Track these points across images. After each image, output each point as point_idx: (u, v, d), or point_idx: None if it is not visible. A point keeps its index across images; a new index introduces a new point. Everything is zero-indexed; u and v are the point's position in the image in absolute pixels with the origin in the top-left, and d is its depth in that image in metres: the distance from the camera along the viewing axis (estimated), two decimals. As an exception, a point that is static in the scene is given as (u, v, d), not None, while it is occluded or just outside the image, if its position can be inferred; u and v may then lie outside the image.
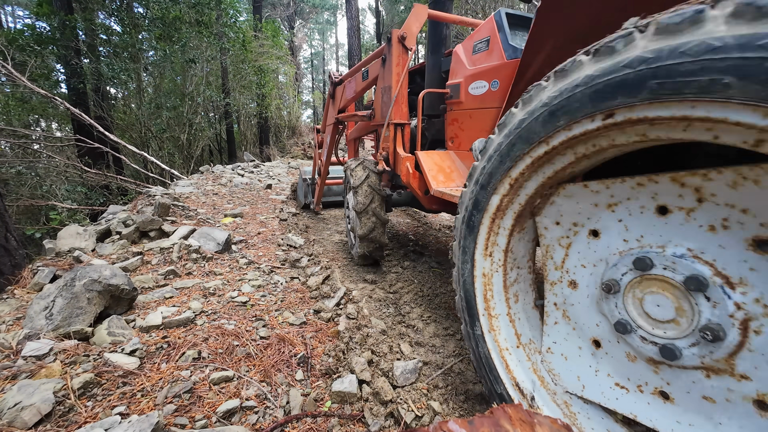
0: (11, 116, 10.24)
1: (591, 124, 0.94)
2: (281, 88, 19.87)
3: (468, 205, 1.33)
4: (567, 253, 1.15)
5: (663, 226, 0.92)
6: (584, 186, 1.08)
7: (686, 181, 0.86)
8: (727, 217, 0.81)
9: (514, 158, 1.17)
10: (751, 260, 0.78)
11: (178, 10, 11.08)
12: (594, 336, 1.09)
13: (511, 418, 0.74)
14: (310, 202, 5.46)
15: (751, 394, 0.80)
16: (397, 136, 2.93)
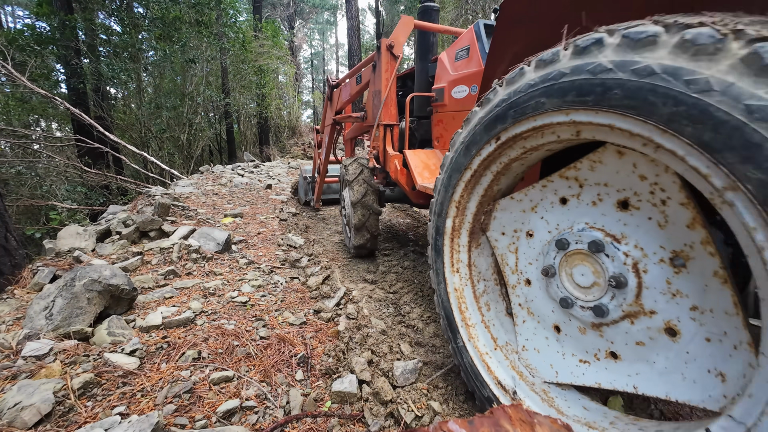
0: (11, 116, 10.24)
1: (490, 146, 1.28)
2: (281, 88, 19.87)
3: (432, 232, 1.57)
4: (517, 257, 1.37)
5: (567, 212, 1.19)
6: (511, 198, 1.37)
7: (568, 175, 1.16)
8: (599, 192, 1.10)
9: (453, 185, 1.46)
10: (622, 218, 1.05)
11: (178, 10, 11.08)
12: (554, 322, 1.26)
13: (511, 418, 0.74)
14: (311, 199, 5.75)
15: (661, 325, 0.98)
16: (387, 135, 3.17)
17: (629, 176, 1.03)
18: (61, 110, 10.16)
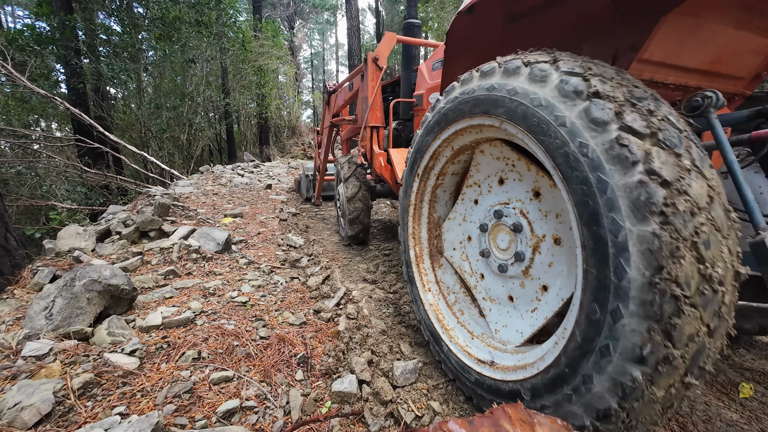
0: (11, 116, 10.23)
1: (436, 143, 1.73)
2: (281, 88, 19.87)
3: (404, 264, 1.98)
4: (469, 262, 1.75)
5: (480, 207, 1.66)
6: (449, 219, 1.81)
7: (470, 182, 1.67)
8: (488, 183, 1.59)
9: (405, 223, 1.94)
10: (503, 189, 1.54)
11: (178, 10, 11.08)
12: (507, 293, 1.56)
13: (511, 418, 0.74)
14: (312, 196, 6.30)
15: (540, 285, 1.41)
16: (373, 136, 3.56)
17: (496, 163, 1.59)
18: (61, 110, 10.16)
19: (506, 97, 1.25)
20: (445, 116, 1.60)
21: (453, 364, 1.61)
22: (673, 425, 1.51)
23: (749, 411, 1.60)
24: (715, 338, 0.91)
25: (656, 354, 0.88)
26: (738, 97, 1.79)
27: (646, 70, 1.43)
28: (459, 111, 1.50)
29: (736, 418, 1.56)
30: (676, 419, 1.54)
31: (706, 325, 0.88)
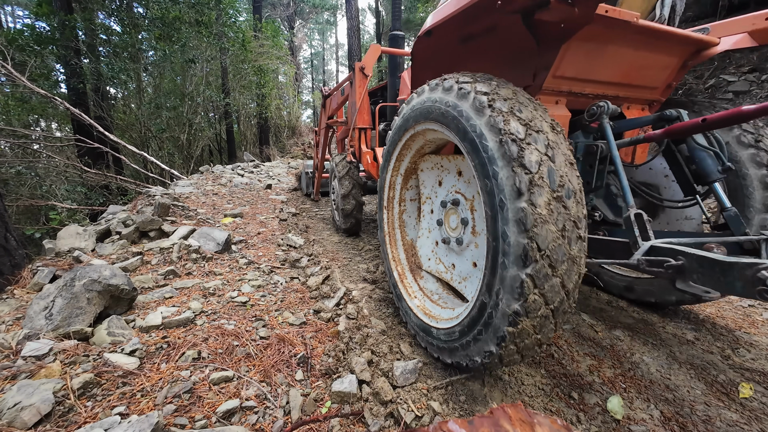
0: (11, 116, 10.23)
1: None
2: (281, 88, 19.87)
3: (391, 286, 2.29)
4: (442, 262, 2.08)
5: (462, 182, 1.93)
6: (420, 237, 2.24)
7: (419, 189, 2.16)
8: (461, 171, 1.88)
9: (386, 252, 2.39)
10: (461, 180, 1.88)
11: (178, 10, 11.07)
12: (471, 262, 1.84)
13: (510, 418, 0.74)
14: (311, 192, 6.74)
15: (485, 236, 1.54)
16: (361, 137, 3.93)
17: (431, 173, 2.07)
18: (61, 110, 10.16)
19: (442, 108, 1.61)
20: (405, 121, 1.96)
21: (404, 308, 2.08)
22: (673, 425, 1.51)
23: (749, 411, 1.60)
24: (566, 280, 1.27)
25: (527, 292, 1.24)
26: (656, 103, 2.16)
27: (563, 83, 1.82)
28: (418, 115, 1.83)
29: (736, 418, 1.56)
30: (676, 419, 1.54)
31: (557, 271, 1.25)
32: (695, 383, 1.78)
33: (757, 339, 2.19)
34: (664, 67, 1.96)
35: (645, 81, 2.01)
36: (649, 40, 1.79)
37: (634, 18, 1.59)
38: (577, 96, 1.90)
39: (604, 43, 1.69)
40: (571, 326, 2.25)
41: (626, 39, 1.72)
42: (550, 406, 1.60)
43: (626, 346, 2.06)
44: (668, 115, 1.76)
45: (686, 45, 1.89)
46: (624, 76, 1.92)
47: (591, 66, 1.78)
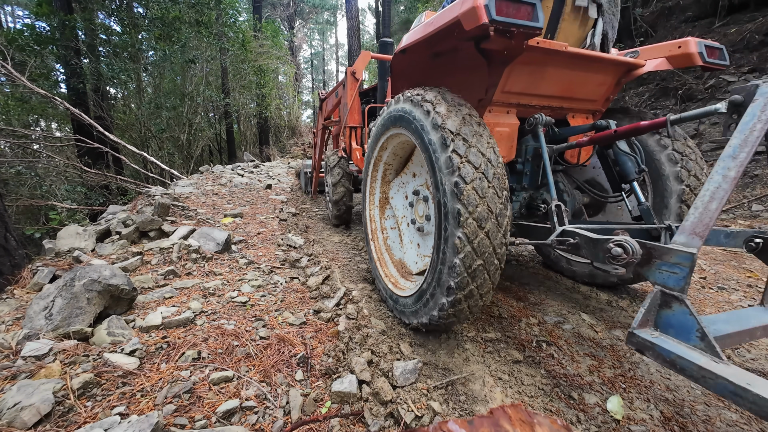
0: (11, 116, 10.23)
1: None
2: (281, 88, 19.86)
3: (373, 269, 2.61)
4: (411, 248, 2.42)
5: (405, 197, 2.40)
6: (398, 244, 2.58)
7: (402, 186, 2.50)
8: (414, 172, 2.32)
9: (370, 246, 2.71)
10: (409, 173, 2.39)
11: (178, 10, 11.07)
12: (417, 242, 2.30)
13: (510, 419, 0.74)
14: (310, 191, 7.08)
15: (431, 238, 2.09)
16: (352, 134, 4.30)
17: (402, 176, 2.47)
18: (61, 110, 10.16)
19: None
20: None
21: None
22: (673, 425, 1.51)
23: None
24: (492, 237, 1.59)
25: (462, 247, 1.57)
26: (598, 112, 2.54)
27: (511, 97, 2.17)
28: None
29: (736, 418, 1.56)
30: (676, 419, 1.54)
31: (483, 229, 1.56)
32: (695, 383, 1.78)
33: (758, 341, 2.18)
34: (601, 84, 2.32)
35: (585, 95, 2.36)
36: (585, 63, 2.13)
37: (563, 47, 1.94)
38: (526, 107, 2.25)
39: (544, 65, 2.05)
40: (571, 326, 2.25)
41: (562, 62, 2.07)
42: (550, 406, 1.60)
43: (626, 346, 2.06)
44: (599, 124, 2.11)
45: (618, 66, 2.25)
46: (566, 91, 2.27)
47: (535, 83, 2.13)
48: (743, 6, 8.02)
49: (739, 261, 3.60)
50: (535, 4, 1.56)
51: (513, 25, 1.51)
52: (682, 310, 1.12)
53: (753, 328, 1.25)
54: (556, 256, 3.08)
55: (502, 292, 2.70)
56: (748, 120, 1.28)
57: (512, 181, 2.38)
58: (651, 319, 1.19)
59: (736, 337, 1.21)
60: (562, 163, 2.49)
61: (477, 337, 2.10)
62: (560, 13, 2.12)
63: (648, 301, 1.18)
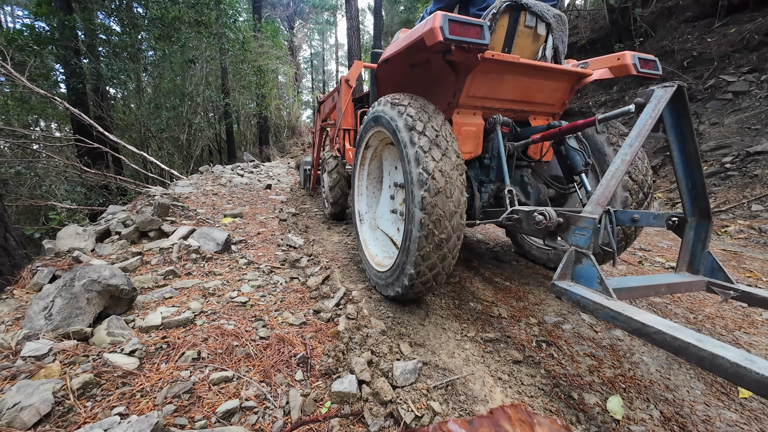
0: (10, 116, 10.22)
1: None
2: (281, 88, 19.85)
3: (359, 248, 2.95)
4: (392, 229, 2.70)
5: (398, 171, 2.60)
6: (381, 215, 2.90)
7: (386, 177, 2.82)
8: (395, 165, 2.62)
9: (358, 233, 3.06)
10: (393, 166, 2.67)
11: (178, 10, 11.06)
12: (397, 226, 2.64)
13: (510, 419, 0.74)
14: (308, 186, 7.40)
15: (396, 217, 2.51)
16: (345, 136, 4.66)
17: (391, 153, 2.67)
18: (61, 110, 10.15)
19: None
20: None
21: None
22: (673, 425, 1.51)
23: (749, 411, 1.60)
24: (449, 217, 1.89)
25: (425, 225, 1.87)
26: (556, 114, 2.85)
27: (476, 101, 2.47)
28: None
29: (736, 418, 1.56)
30: (676, 419, 1.54)
31: (442, 210, 1.86)
32: (695, 383, 1.78)
33: (757, 339, 2.19)
34: (556, 90, 2.64)
35: (542, 99, 2.67)
36: (538, 72, 2.45)
37: (516, 59, 2.26)
38: (490, 109, 2.56)
39: (502, 74, 2.36)
40: (571, 326, 2.25)
41: (518, 72, 2.38)
42: (550, 406, 1.60)
43: (626, 346, 2.06)
44: (552, 124, 2.39)
45: (570, 75, 2.56)
46: (524, 96, 2.59)
47: (495, 89, 2.44)
48: (743, 6, 8.02)
49: (739, 261, 3.60)
50: (482, 26, 1.85)
51: (464, 42, 1.82)
52: (588, 263, 1.43)
53: (658, 285, 1.56)
54: (529, 245, 3.44)
55: (501, 292, 2.70)
56: (642, 117, 1.62)
57: (482, 174, 2.64)
58: (568, 273, 1.49)
59: (642, 291, 1.52)
60: (526, 159, 2.78)
61: (477, 337, 2.10)
62: (514, 31, 2.43)
63: (565, 259, 1.48)
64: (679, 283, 1.63)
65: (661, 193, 6.42)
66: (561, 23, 2.55)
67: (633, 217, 1.91)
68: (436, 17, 1.82)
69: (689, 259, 1.75)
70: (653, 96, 1.70)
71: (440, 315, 2.36)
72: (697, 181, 1.74)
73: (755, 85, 6.69)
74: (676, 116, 1.72)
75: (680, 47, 8.34)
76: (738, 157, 5.87)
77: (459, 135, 2.46)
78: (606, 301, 1.28)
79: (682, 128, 1.71)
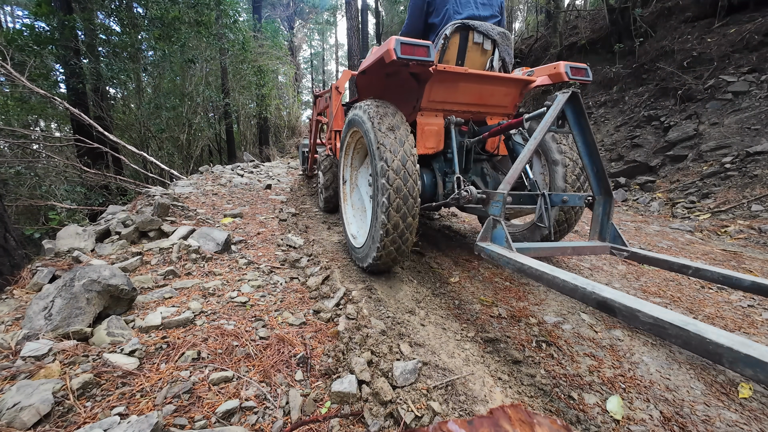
0: (10, 116, 10.22)
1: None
2: (281, 88, 19.85)
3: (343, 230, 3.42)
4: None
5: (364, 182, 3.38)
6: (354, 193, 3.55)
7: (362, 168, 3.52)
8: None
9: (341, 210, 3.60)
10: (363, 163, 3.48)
11: (177, 10, 11.05)
12: None
13: (510, 419, 0.74)
14: (305, 169, 7.95)
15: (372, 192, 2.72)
16: (336, 136, 5.06)
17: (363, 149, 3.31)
18: (61, 110, 10.15)
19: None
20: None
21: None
22: (673, 425, 1.51)
23: (749, 411, 1.60)
24: (406, 201, 2.32)
25: (386, 207, 2.31)
26: (510, 115, 3.20)
27: (437, 104, 2.87)
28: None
29: (735, 418, 1.56)
30: (676, 419, 1.54)
31: (399, 196, 2.29)
32: (695, 383, 1.78)
33: (757, 339, 2.19)
34: (506, 94, 3.03)
35: (496, 102, 3.06)
36: (488, 80, 2.85)
37: (464, 70, 2.68)
38: (449, 111, 2.96)
39: (455, 82, 2.76)
40: (571, 326, 2.25)
41: (470, 80, 2.78)
42: (550, 406, 1.60)
43: (626, 346, 2.06)
44: (501, 123, 2.75)
45: (517, 82, 2.95)
46: (479, 100, 2.97)
47: (452, 95, 2.84)
48: (743, 6, 8.02)
49: (739, 261, 3.60)
50: (428, 46, 2.27)
51: (413, 60, 2.25)
52: (500, 228, 1.91)
53: (564, 248, 2.04)
54: None
55: (501, 292, 2.70)
56: (546, 116, 2.10)
57: (446, 166, 3.03)
58: (488, 235, 1.96)
59: (548, 251, 2.01)
60: (484, 153, 3.24)
61: (477, 337, 2.10)
62: (465, 47, 2.88)
63: (485, 225, 1.97)
64: (585, 246, 2.11)
65: (661, 193, 6.43)
66: (505, 39, 2.94)
67: (563, 199, 2.39)
68: (391, 41, 2.23)
69: (599, 229, 2.21)
70: (555, 100, 2.13)
71: (440, 315, 2.36)
72: (598, 166, 2.19)
73: (755, 86, 6.69)
74: (575, 115, 2.19)
75: (680, 47, 8.34)
76: (738, 158, 5.87)
77: (423, 133, 2.86)
78: (508, 253, 1.74)
79: (581, 124, 2.19)
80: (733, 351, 0.90)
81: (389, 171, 2.28)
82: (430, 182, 3.02)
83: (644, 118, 7.95)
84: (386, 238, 2.38)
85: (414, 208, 2.36)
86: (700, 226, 4.93)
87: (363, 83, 3.26)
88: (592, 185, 2.21)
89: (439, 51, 2.83)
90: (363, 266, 2.81)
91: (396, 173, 2.28)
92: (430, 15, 3.02)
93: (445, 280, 2.94)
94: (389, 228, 2.34)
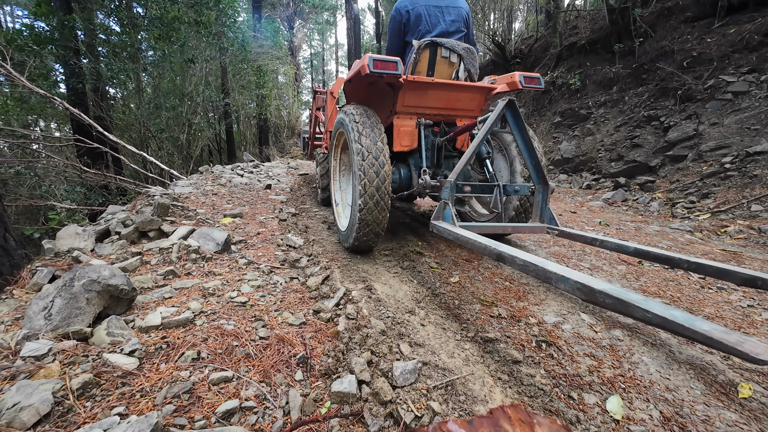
0: (10, 116, 10.21)
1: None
2: (281, 88, 19.84)
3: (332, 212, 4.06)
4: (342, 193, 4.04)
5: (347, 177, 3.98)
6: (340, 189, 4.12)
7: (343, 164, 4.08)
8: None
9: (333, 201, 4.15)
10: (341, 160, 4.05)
11: (177, 10, 11.05)
12: None
13: (510, 419, 0.74)
14: (305, 153, 8.48)
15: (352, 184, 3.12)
16: None
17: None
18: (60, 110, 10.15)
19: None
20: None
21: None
22: (673, 425, 1.51)
23: (749, 411, 1.61)
24: (376, 190, 2.75)
25: (362, 192, 2.76)
26: (476, 117, 3.42)
27: (410, 109, 3.30)
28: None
29: (735, 418, 1.56)
30: (676, 419, 1.54)
31: (371, 185, 2.74)
32: (695, 383, 1.78)
33: (757, 339, 2.19)
34: (473, 100, 3.45)
35: (463, 107, 3.48)
36: (454, 88, 3.27)
37: (431, 80, 3.09)
38: (422, 115, 3.40)
39: (425, 90, 3.18)
40: (571, 326, 2.25)
41: (437, 88, 3.20)
42: (550, 406, 1.60)
43: (626, 346, 2.06)
44: (465, 125, 3.20)
45: (480, 89, 3.36)
46: (447, 105, 3.39)
47: (423, 100, 3.27)
48: (742, 6, 8.02)
49: (739, 261, 3.60)
50: (397, 62, 2.70)
51: (384, 74, 2.70)
52: (448, 209, 2.46)
53: (505, 226, 2.87)
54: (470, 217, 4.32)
55: (501, 292, 2.70)
56: (489, 120, 2.64)
57: (420, 162, 3.32)
58: (440, 215, 2.48)
59: (491, 229, 2.57)
60: (455, 151, 3.68)
61: (477, 337, 2.10)
62: (435, 60, 3.28)
63: (438, 207, 2.49)
64: (525, 226, 2.71)
65: (660, 193, 6.43)
66: (470, 53, 3.34)
67: (515, 189, 2.90)
68: (366, 58, 2.64)
69: (539, 213, 2.74)
70: (497, 105, 2.63)
71: (440, 315, 2.36)
72: (535, 161, 2.72)
73: (755, 86, 6.69)
74: (514, 118, 2.70)
75: (680, 47, 8.34)
76: (738, 158, 5.87)
77: (399, 133, 3.33)
78: (451, 227, 2.28)
79: (518, 125, 2.72)
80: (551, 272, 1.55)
81: (364, 164, 2.69)
82: (405, 176, 3.48)
83: (644, 118, 7.95)
84: (362, 221, 2.82)
85: (385, 195, 2.76)
86: (700, 226, 4.93)
87: (349, 90, 3.71)
88: (533, 176, 2.71)
89: (412, 64, 3.25)
90: (348, 246, 3.22)
91: (369, 167, 2.69)
92: (407, 34, 3.44)
93: (445, 280, 2.93)
94: (365, 212, 2.76)
